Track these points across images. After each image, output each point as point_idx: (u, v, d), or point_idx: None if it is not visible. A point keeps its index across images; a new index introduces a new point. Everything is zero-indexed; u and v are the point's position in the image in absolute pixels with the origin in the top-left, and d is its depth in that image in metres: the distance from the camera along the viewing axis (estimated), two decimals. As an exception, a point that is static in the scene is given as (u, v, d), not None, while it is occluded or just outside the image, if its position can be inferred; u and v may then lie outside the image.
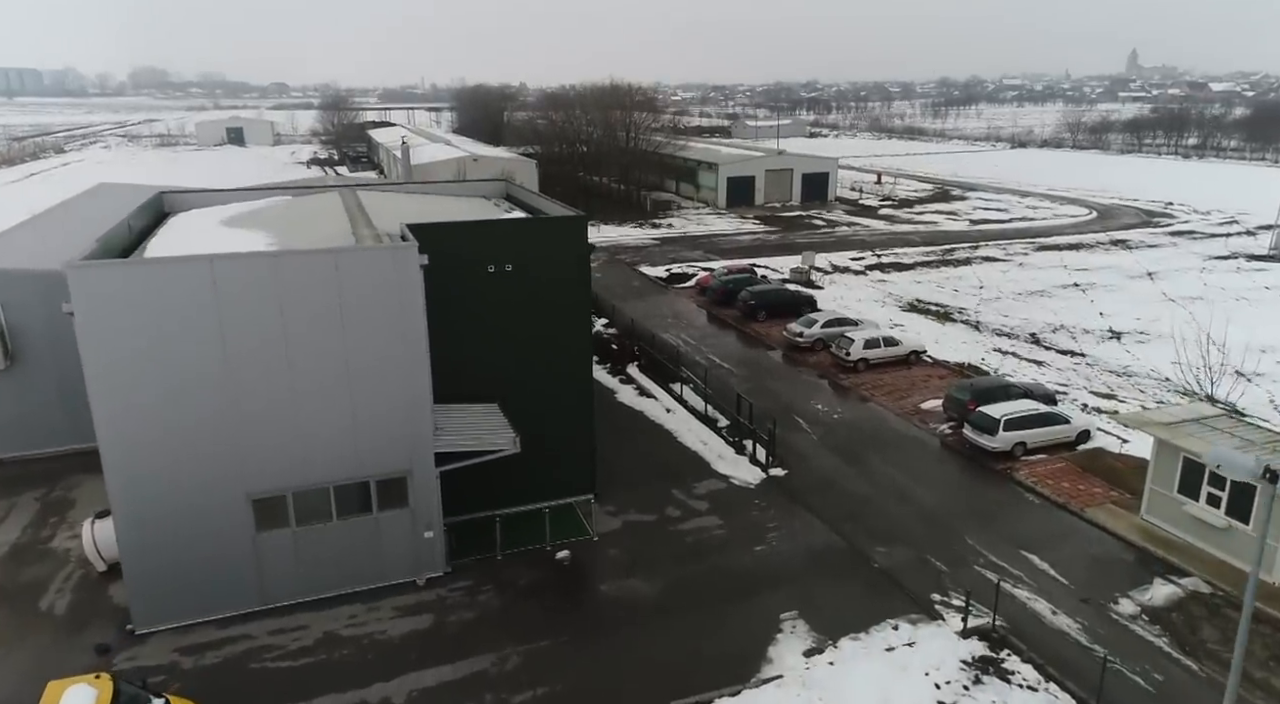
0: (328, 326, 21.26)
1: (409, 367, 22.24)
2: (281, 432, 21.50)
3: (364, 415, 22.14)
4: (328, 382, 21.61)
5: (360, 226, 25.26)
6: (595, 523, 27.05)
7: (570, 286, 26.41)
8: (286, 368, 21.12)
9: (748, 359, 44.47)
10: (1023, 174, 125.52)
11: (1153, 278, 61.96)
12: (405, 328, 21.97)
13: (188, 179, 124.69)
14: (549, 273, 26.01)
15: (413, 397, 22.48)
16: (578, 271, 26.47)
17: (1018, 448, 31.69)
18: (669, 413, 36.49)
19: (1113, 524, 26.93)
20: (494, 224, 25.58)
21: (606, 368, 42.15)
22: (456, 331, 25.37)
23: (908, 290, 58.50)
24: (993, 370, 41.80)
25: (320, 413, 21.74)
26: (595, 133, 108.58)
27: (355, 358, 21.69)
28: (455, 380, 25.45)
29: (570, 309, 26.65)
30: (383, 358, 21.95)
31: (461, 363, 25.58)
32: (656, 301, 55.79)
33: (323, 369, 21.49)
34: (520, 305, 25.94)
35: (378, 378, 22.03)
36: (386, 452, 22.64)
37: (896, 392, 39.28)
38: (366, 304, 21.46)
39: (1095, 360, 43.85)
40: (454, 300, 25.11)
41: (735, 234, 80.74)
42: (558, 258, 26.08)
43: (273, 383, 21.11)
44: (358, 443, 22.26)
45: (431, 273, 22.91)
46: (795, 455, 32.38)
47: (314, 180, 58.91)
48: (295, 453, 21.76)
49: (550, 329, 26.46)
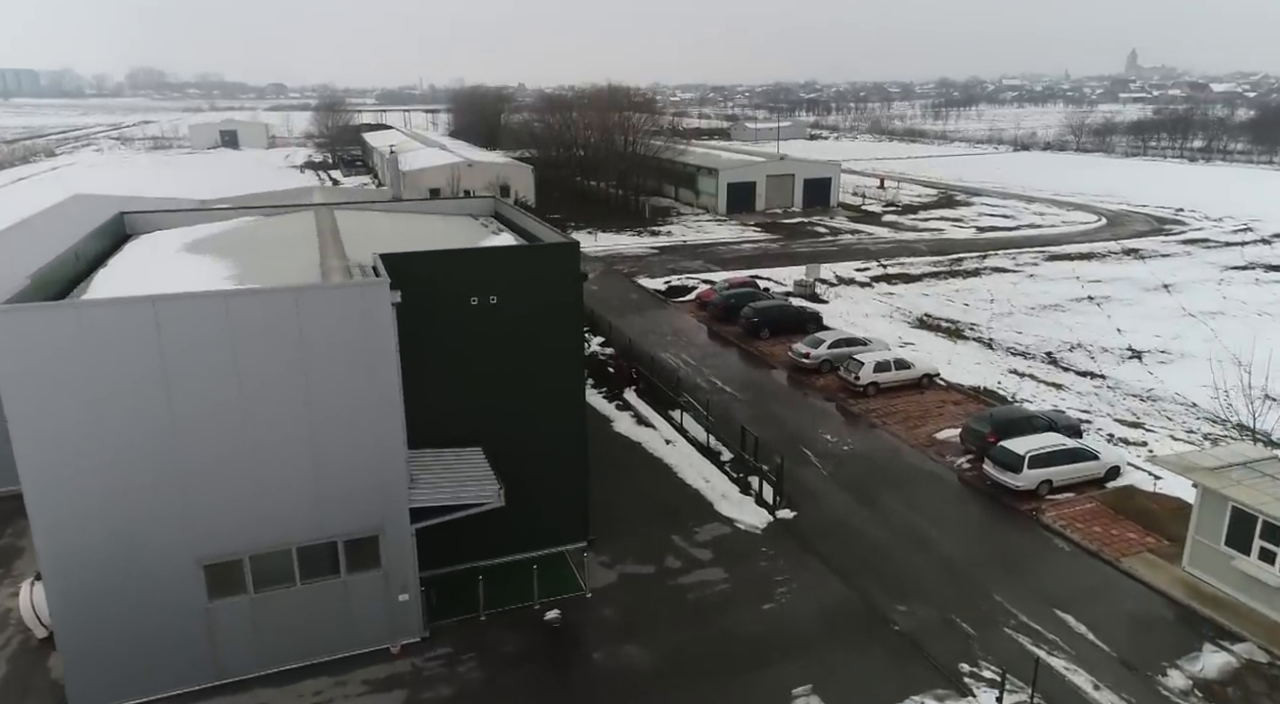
0: (288, 372, 19.04)
1: (380, 415, 20.02)
2: (236, 489, 19.27)
3: (330, 469, 19.92)
4: (288, 433, 19.38)
5: (330, 256, 23.03)
6: (589, 576, 24.83)
7: (560, 319, 24.21)
8: (241, 419, 18.89)
9: (751, 381, 42.24)
10: (1027, 178, 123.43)
11: (1169, 290, 59.78)
12: (376, 372, 19.75)
13: (177, 184, 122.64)
14: (538, 304, 23.81)
15: (384, 448, 20.26)
16: (569, 303, 24.26)
17: (1043, 486, 29.48)
18: (669, 444, 34.26)
19: (1152, 577, 24.72)
20: (477, 253, 23.38)
21: (603, 392, 39.94)
22: (436, 369, 23.17)
23: (916, 304, 56.31)
24: (1010, 395, 39.59)
25: (280, 468, 19.52)
26: (592, 137, 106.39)
27: (319, 406, 19.47)
28: (434, 423, 23.27)
29: (561, 343, 24.44)
30: (350, 406, 19.73)
31: (441, 403, 23.40)
32: (655, 317, 53.56)
33: (282, 419, 19.26)
34: (506, 340, 23.75)
35: (345, 428, 19.81)
36: (355, 509, 20.40)
37: (909, 419, 37.06)
38: (332, 347, 19.23)
39: (1117, 383, 41.63)
40: (433, 335, 22.95)
41: (736, 243, 78.54)
42: (547, 288, 23.87)
43: (226, 435, 18.88)
44: (323, 500, 20.04)
45: (409, 306, 20.76)
46: (804, 493, 30.15)
47: (298, 190, 56.67)
48: (252, 512, 19.53)
49: (539, 365, 24.27)
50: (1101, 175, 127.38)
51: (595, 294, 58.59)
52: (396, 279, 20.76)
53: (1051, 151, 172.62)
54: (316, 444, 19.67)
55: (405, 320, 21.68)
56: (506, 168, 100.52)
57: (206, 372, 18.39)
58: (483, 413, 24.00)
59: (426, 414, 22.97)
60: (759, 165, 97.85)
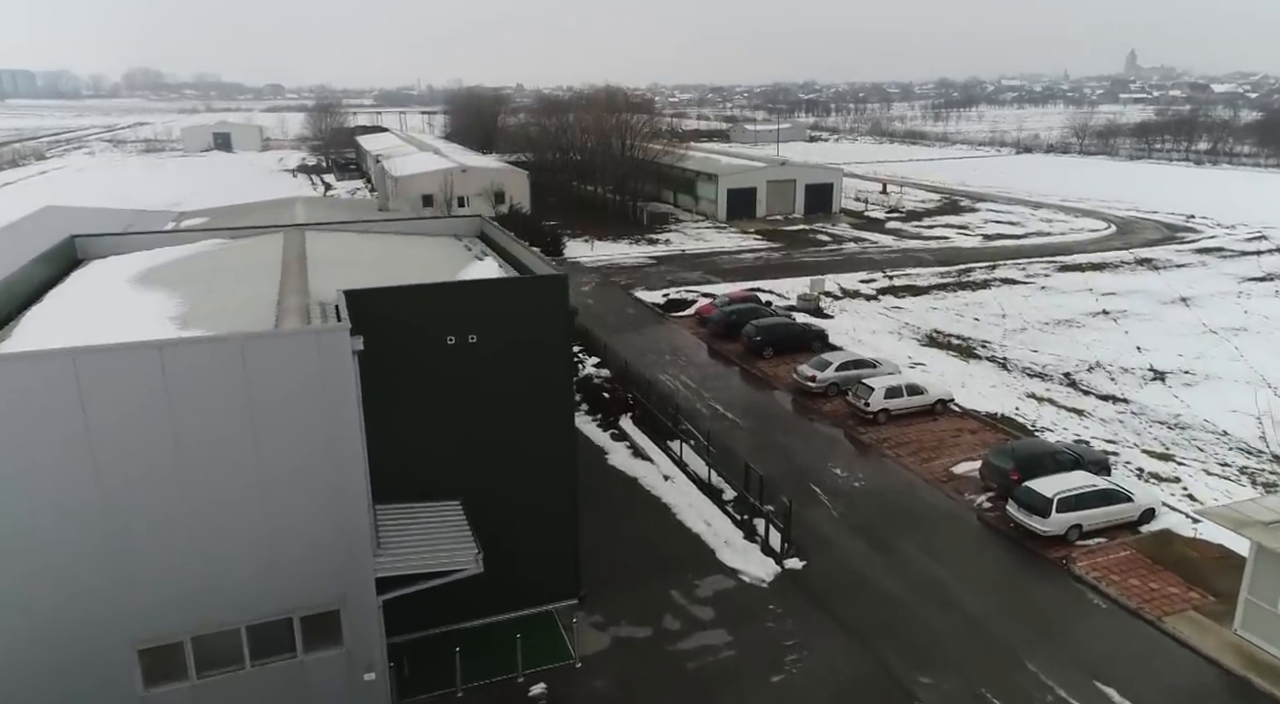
0: (234, 430, 16.71)
1: (341, 475, 17.69)
2: (176, 562, 16.94)
3: (283, 537, 17.59)
4: (235, 498, 17.05)
5: (290, 292, 20.71)
6: (579, 639, 22.53)
7: (548, 359, 21.90)
8: (180, 483, 16.56)
9: (754, 406, 39.95)
10: (1032, 182, 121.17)
11: (1187, 304, 57.52)
12: (335, 428, 17.42)
13: (162, 190, 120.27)
14: (522, 343, 21.51)
15: (346, 512, 17.92)
16: (556, 341, 21.96)
17: (1072, 531, 27.20)
18: (667, 481, 31.95)
19: (1200, 641, 22.44)
20: (453, 288, 21.08)
21: (597, 421, 37.64)
22: (408, 416, 20.89)
23: (924, 319, 54.02)
24: (1030, 423, 37.31)
25: (226, 537, 17.18)
26: (589, 141, 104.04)
27: (271, 467, 17.14)
28: (407, 474, 20.97)
29: (548, 386, 22.13)
30: (307, 466, 17.40)
31: (414, 453, 21.11)
32: (653, 334, 51.25)
33: (228, 482, 16.93)
34: (487, 383, 21.46)
35: (301, 490, 17.49)
36: (313, 580, 18.07)
37: (923, 450, 34.78)
38: (284, 400, 16.91)
39: (1141, 408, 39.35)
40: (405, 378, 20.66)
41: (737, 252, 76.23)
42: (533, 325, 21.56)
43: (162, 502, 16.55)
44: (276, 571, 17.70)
45: (378, 346, 18.47)
46: (813, 538, 27.86)
47: (279, 201, 54.44)
48: (194, 588, 17.20)
49: (524, 410, 21.97)
50: (1107, 179, 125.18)
51: (591, 308, 56.37)
52: (364, 317, 18.51)
53: (1054, 154, 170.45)
54: (268, 510, 17.34)
55: (374, 362, 19.42)
56: (501, 173, 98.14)
57: (138, 431, 16.07)
58: (461, 462, 21.72)
59: (398, 465, 20.68)
60: (759, 170, 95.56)
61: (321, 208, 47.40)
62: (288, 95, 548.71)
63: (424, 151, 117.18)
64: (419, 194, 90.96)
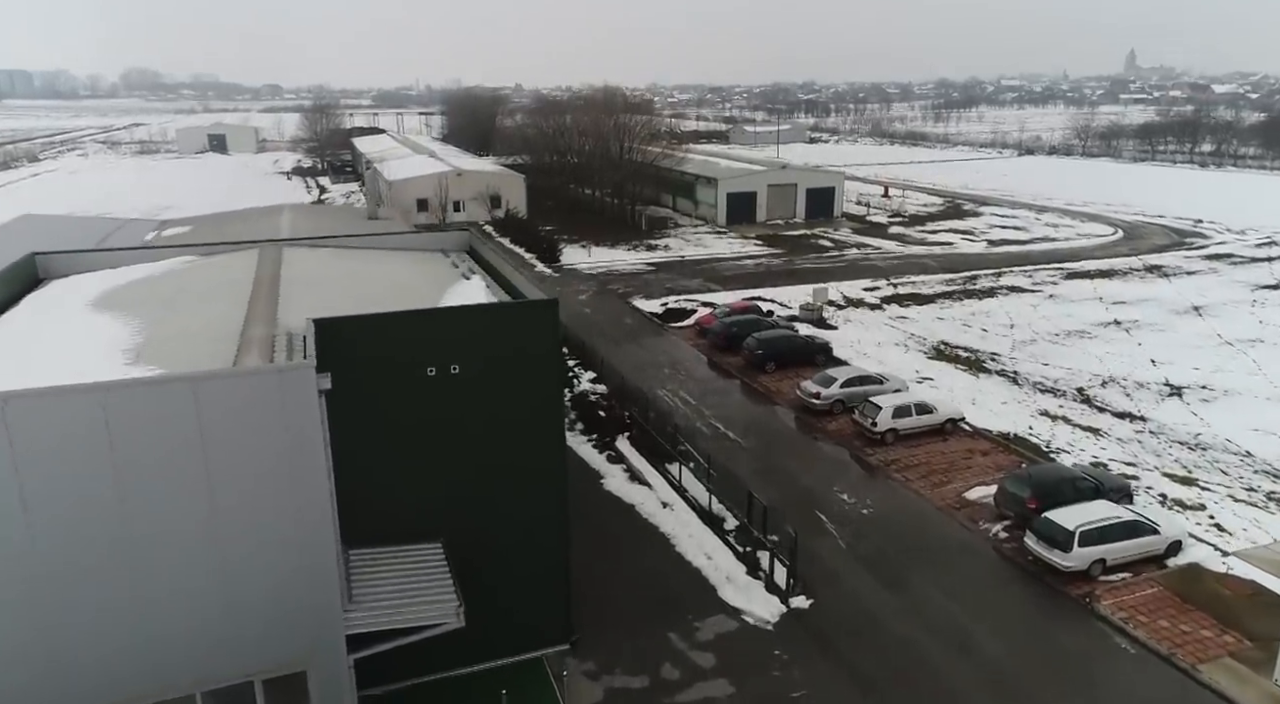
0: (185, 478, 15.14)
1: (305, 526, 16.12)
2: (121, 624, 15.36)
3: (243, 593, 16.02)
4: (186, 552, 15.48)
5: (255, 321, 19.09)
6: (570, 691, 20.95)
7: (536, 391, 20.31)
8: (126, 537, 15.00)
9: (756, 425, 38.36)
10: (1035, 185, 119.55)
11: (1200, 313, 55.96)
12: (300, 474, 15.86)
13: (157, 193, 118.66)
14: (508, 374, 19.91)
15: (312, 565, 16.35)
16: (545, 370, 20.37)
17: (1095, 566, 25.63)
18: (666, 508, 30.34)
19: (1239, 693, 20.87)
20: (434, 315, 19.47)
21: (592, 440, 36.05)
22: (385, 452, 19.32)
23: (931, 330, 52.44)
24: (1044, 444, 35.74)
25: (177, 595, 15.60)
26: (587, 144, 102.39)
27: (227, 518, 15.57)
28: (383, 515, 19.43)
29: (536, 419, 20.53)
30: (268, 516, 15.83)
31: (392, 492, 19.56)
32: (651, 346, 49.65)
33: (180, 535, 15.36)
34: (471, 416, 19.86)
35: (261, 544, 15.91)
36: (277, 640, 16.49)
37: (934, 473, 33.21)
38: (242, 445, 15.34)
39: (1159, 427, 37.79)
40: (381, 412, 19.09)
41: (737, 258, 74.62)
42: (520, 355, 19.97)
43: (105, 559, 14.97)
44: (234, 631, 16.12)
45: (351, 378, 16.97)
46: (820, 572, 26.29)
47: (266, 209, 52.90)
48: (144, 652, 15.61)
49: (511, 445, 20.37)
50: (1111, 182, 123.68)
51: (588, 318, 54.87)
52: (335, 348, 17.00)
53: (1057, 156, 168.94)
54: (225, 565, 15.77)
55: (346, 396, 17.85)
56: (497, 177, 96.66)
57: (77, 482, 14.50)
58: (443, 501, 20.14)
59: (373, 506, 19.17)
60: (760, 174, 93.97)
61: (308, 216, 45.83)
62: (286, 95, 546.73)
63: (419, 154, 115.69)
64: (413, 198, 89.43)
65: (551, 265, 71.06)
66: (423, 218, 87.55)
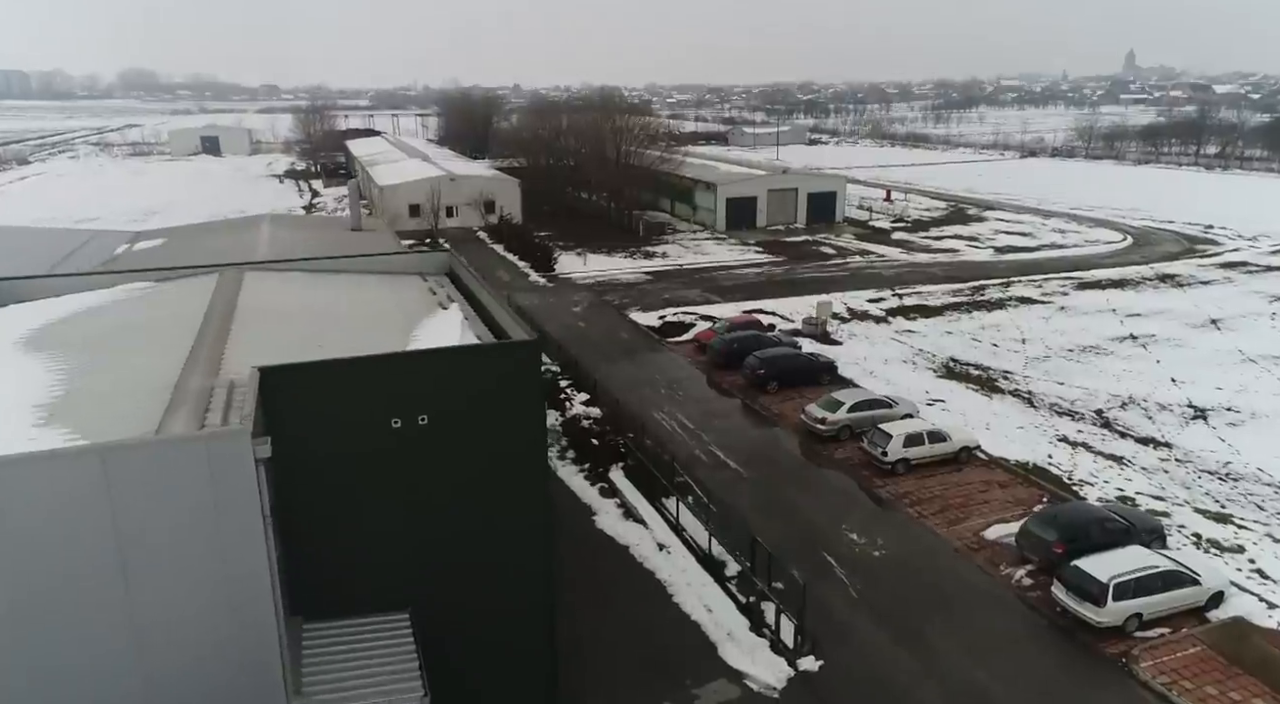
0: (95, 562, 12.99)
1: (240, 610, 13.95)
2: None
3: (166, 691, 13.83)
4: (100, 643, 13.32)
5: (195, 370, 16.82)
6: (554, 775, 18.79)
7: (515, 441, 18.10)
8: (21, 633, 12.82)
9: (758, 452, 36.17)
10: (1040, 188, 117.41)
11: (1219, 327, 53.82)
12: (232, 553, 13.70)
13: (145, 197, 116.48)
14: (485, 423, 17.72)
15: (250, 656, 14.16)
16: (526, 420, 18.16)
17: (1131, 621, 23.50)
18: (662, 551, 28.16)
19: (1300, 777, 18.71)
20: (399, 361, 17.26)
21: (584, 471, 33.86)
22: (344, 515, 17.12)
23: (939, 345, 50.27)
24: (1065, 474, 33.58)
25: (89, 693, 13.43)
26: (583, 148, 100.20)
27: (147, 606, 13.42)
28: (342, 585, 17.27)
29: (516, 472, 18.32)
30: (197, 605, 13.68)
31: (352, 559, 17.36)
32: (648, 364, 47.43)
33: (89, 624, 13.20)
34: (442, 471, 17.66)
35: (189, 637, 13.76)
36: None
37: (949, 508, 31.05)
38: (161, 523, 13.20)
39: (1186, 454, 35.64)
40: (339, 469, 16.88)
41: (737, 266, 72.41)
42: (498, 402, 17.76)
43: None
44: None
45: (303, 433, 14.98)
46: (830, 627, 24.11)
47: (245, 220, 50.75)
48: (53, 764, 13.45)
49: (487, 502, 18.18)
50: (1116, 185, 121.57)
51: (582, 332, 52.74)
52: (286, 399, 14.94)
53: (1060, 158, 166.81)
54: (145, 658, 13.60)
55: (300, 452, 15.78)
56: (492, 182, 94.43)
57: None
58: (412, 567, 17.92)
59: (332, 574, 17.05)
60: (760, 179, 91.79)
61: (286, 228, 43.63)
62: (283, 96, 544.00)
63: (412, 158, 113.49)
64: (405, 204, 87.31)
65: (546, 275, 68.87)
66: (414, 224, 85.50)
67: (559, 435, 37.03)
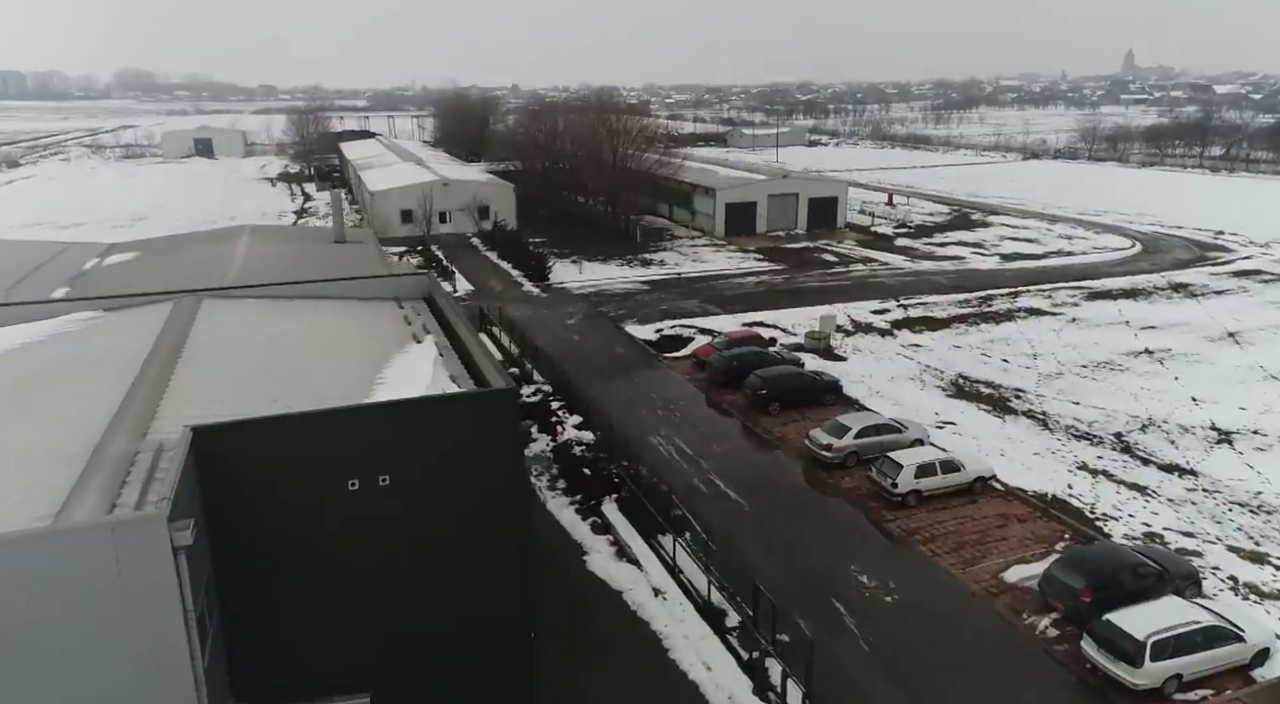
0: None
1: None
2: None
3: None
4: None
5: (121, 426, 14.80)
6: None
7: (488, 503, 16.11)
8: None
9: (760, 480, 34.17)
10: (1044, 192, 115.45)
11: (1237, 341, 51.85)
12: (146, 650, 11.72)
13: (134, 201, 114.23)
14: (454, 484, 15.73)
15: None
16: (501, 479, 16.15)
17: (1171, 683, 21.51)
18: (658, 597, 26.13)
19: None
20: (356, 415, 15.24)
21: (575, 503, 31.83)
22: (294, 587, 15.13)
23: (947, 360, 48.26)
24: (1087, 507, 31.59)
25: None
26: (579, 152, 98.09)
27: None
28: (295, 667, 15.26)
29: (489, 536, 16.32)
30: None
31: (304, 637, 15.37)
32: (644, 382, 45.39)
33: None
34: (404, 538, 15.69)
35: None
36: None
37: (965, 545, 29.05)
38: (60, 620, 11.19)
39: (1213, 483, 33.66)
40: (289, 538, 14.89)
41: (737, 274, 70.39)
42: (469, 457, 15.79)
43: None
44: None
45: (246, 500, 13.01)
46: (840, 686, 22.12)
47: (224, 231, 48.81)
48: None
49: (456, 572, 16.19)
50: (1121, 188, 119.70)
51: (576, 347, 50.77)
52: (225, 463, 13.02)
53: (1063, 160, 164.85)
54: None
55: (243, 523, 13.80)
56: (486, 187, 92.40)
57: None
58: (372, 645, 15.95)
59: (283, 656, 15.04)
60: (760, 184, 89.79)
61: (266, 241, 41.57)
62: (281, 96, 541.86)
63: (406, 162, 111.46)
64: (396, 210, 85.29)
65: (540, 284, 66.83)
66: (406, 230, 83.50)
67: (550, 462, 35.05)
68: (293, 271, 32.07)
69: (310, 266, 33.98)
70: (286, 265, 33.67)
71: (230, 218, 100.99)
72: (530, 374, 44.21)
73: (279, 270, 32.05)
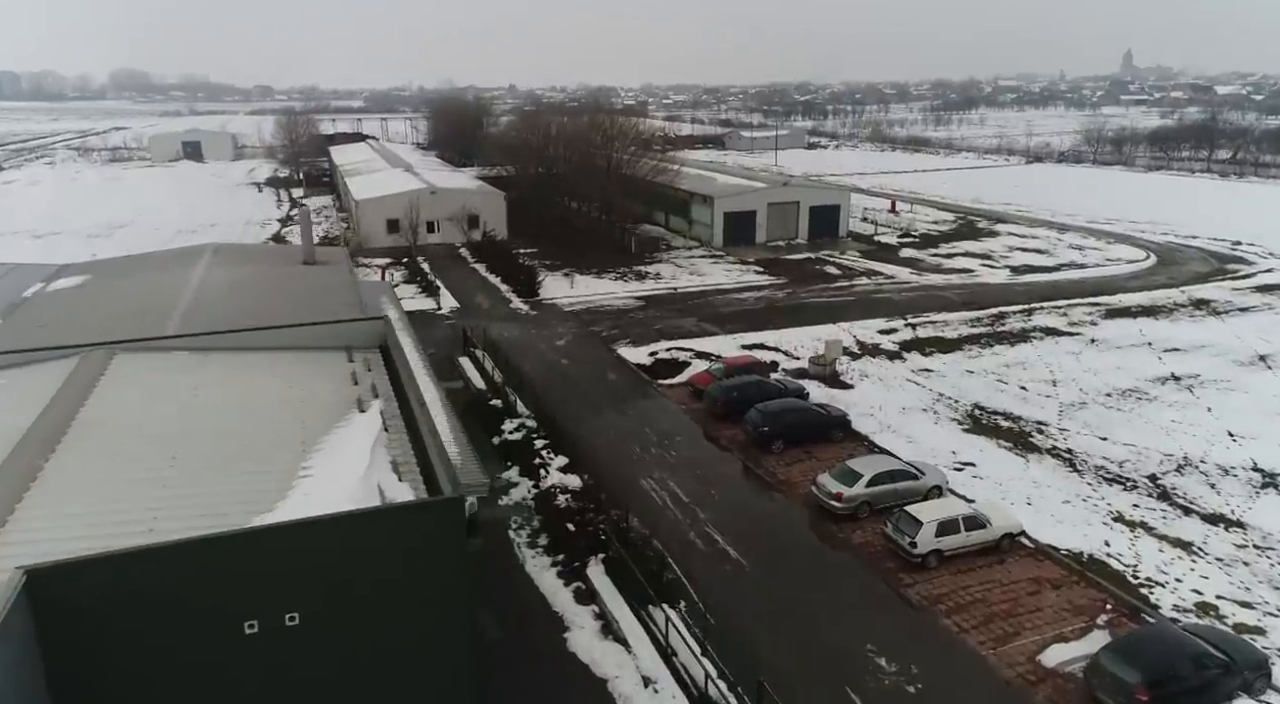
0: None
1: None
2: None
3: None
4: None
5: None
6: None
7: (428, 636, 12.85)
8: None
9: (763, 534, 30.90)
10: (1051, 198, 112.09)
11: (1269, 365, 48.66)
12: None
13: (114, 208, 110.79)
14: (382, 616, 12.47)
15: None
16: (440, 606, 12.90)
17: (1247, 809, 18.29)
18: (648, 688, 22.85)
19: None
20: (250, 539, 12.01)
21: (558, 564, 28.54)
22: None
23: (961, 388, 45.03)
24: (1128, 569, 28.36)
25: None
26: (572, 157, 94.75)
27: None
28: None
29: (429, 679, 13.06)
30: None
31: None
32: (637, 414, 42.11)
33: None
34: (319, 685, 12.42)
35: None
36: None
37: (995, 618, 25.84)
38: None
39: (1264, 537, 30.45)
40: (162, 698, 11.63)
41: (736, 289, 67.11)
42: (401, 585, 12.53)
43: None
44: None
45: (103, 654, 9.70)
46: (859, 808, 18.89)
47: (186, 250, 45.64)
48: None
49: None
50: (1130, 194, 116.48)
51: (564, 373, 47.57)
52: (75, 607, 9.67)
53: (1067, 164, 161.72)
54: None
55: (100, 683, 10.54)
56: (475, 195, 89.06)
57: None
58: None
59: None
60: (759, 192, 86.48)
61: (228, 263, 38.26)
62: (277, 97, 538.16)
63: (394, 167, 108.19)
64: (382, 219, 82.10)
65: (529, 300, 63.57)
66: (392, 240, 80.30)
67: (530, 513, 31.83)
68: (246, 304, 28.88)
69: (267, 297, 30.79)
70: (241, 297, 30.45)
71: (212, 225, 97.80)
72: (514, 406, 40.94)
73: (230, 304, 28.85)
